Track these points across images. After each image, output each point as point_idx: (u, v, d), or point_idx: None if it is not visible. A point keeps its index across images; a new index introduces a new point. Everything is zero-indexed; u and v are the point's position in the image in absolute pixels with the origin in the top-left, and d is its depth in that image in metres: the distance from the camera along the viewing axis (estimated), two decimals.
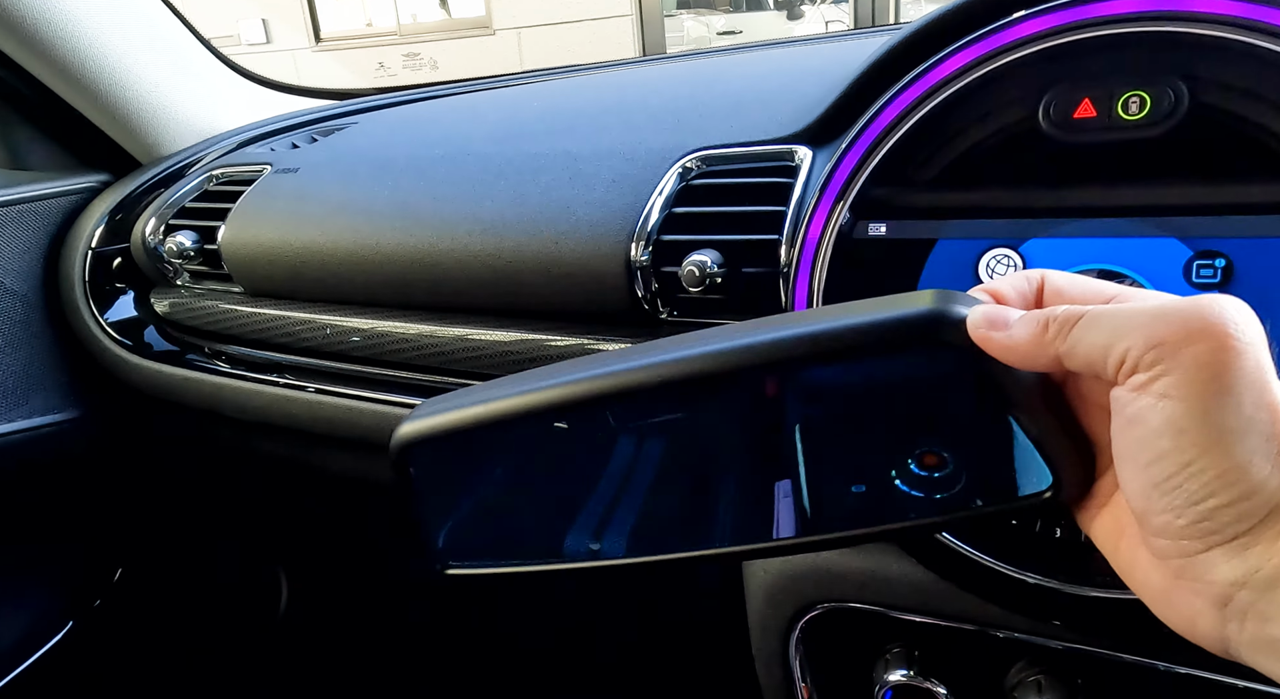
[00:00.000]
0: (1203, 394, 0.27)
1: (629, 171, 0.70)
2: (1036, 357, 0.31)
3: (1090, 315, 0.30)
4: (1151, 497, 0.28)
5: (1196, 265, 0.47)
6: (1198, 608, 0.28)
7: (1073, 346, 0.30)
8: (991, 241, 0.52)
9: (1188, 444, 0.27)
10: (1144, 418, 0.28)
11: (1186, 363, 0.27)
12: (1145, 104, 0.47)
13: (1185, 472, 0.27)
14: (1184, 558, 0.28)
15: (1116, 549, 0.32)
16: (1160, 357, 0.28)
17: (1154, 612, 0.31)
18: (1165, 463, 0.28)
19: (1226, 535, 0.27)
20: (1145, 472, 0.28)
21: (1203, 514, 0.27)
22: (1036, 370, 0.32)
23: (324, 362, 0.86)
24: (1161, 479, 0.28)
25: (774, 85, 0.78)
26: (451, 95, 1.18)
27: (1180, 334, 0.27)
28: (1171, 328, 0.28)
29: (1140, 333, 0.28)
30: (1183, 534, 0.28)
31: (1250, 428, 0.27)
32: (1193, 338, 0.27)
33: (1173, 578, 0.29)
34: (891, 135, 0.54)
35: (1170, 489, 0.28)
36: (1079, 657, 0.55)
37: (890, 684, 0.61)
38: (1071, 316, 0.30)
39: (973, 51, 0.51)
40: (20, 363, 0.99)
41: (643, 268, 0.65)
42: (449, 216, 0.75)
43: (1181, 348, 0.27)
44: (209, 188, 0.98)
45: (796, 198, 0.61)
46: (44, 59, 0.97)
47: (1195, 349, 0.27)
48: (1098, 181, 0.49)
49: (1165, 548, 0.29)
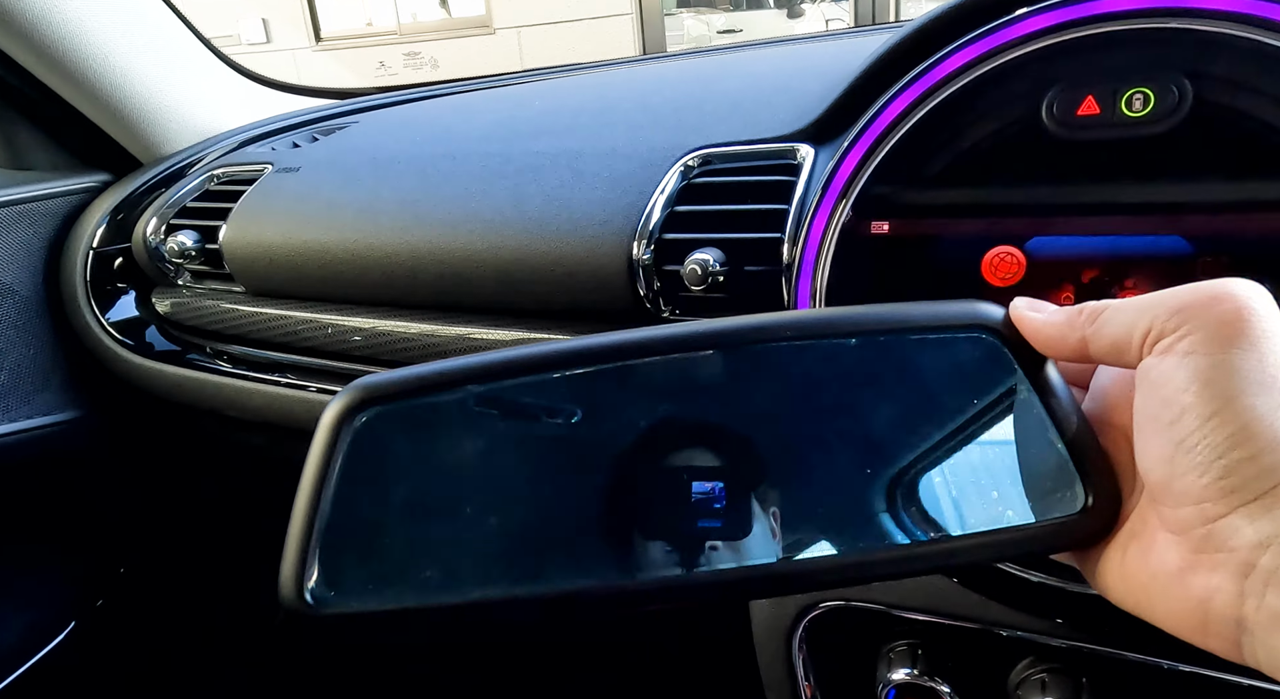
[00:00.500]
0: (1226, 347, 0.28)
1: (630, 170, 0.70)
2: (1066, 337, 0.32)
3: (1116, 303, 0.32)
4: (1175, 458, 0.28)
5: (1201, 262, 0.47)
6: (1215, 584, 0.28)
7: (1099, 329, 0.32)
8: (995, 239, 0.52)
9: (1212, 396, 0.28)
10: (1169, 375, 0.29)
11: (1210, 320, 0.28)
12: (1149, 101, 0.47)
13: (1210, 424, 0.28)
14: (1206, 524, 0.28)
15: (1124, 559, 0.32)
16: (1185, 319, 0.29)
17: (1158, 615, 0.30)
18: (1189, 418, 0.28)
19: (1250, 494, 0.27)
20: (1169, 431, 0.29)
21: (1227, 468, 0.27)
22: (1063, 357, 0.33)
23: (326, 361, 0.86)
24: (1184, 436, 0.28)
25: (775, 83, 0.78)
26: (452, 94, 1.18)
27: (1204, 298, 0.29)
28: (1194, 295, 0.29)
29: (1164, 307, 0.30)
30: (1204, 495, 0.28)
31: (1274, 383, 0.28)
32: (1217, 300, 0.29)
33: (1192, 553, 0.29)
34: (894, 133, 0.54)
35: (1193, 445, 0.28)
36: (1083, 655, 0.55)
37: (894, 683, 0.61)
38: (1102, 306, 0.32)
39: (975, 49, 0.51)
40: (22, 363, 0.99)
41: (645, 266, 0.65)
42: (450, 215, 0.75)
43: (1206, 308, 0.29)
44: (210, 187, 0.98)
45: (799, 196, 0.61)
46: (45, 59, 0.97)
47: (1219, 309, 0.28)
48: (1101, 179, 0.49)
49: (1186, 517, 0.28)
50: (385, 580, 0.34)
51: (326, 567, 0.34)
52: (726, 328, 0.35)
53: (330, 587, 0.34)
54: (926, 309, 0.35)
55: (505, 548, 0.35)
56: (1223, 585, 0.28)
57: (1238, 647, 0.28)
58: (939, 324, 0.34)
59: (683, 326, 0.35)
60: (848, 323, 0.35)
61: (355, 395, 0.35)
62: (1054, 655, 0.57)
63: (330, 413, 0.35)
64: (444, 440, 0.36)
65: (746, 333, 0.35)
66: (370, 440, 0.35)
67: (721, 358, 0.35)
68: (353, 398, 0.35)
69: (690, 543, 0.34)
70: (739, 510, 0.34)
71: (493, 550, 0.35)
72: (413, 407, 0.35)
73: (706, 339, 0.35)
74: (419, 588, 0.34)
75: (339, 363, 0.85)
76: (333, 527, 0.34)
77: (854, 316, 0.35)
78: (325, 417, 0.35)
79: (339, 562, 0.34)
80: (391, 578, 0.34)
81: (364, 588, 0.34)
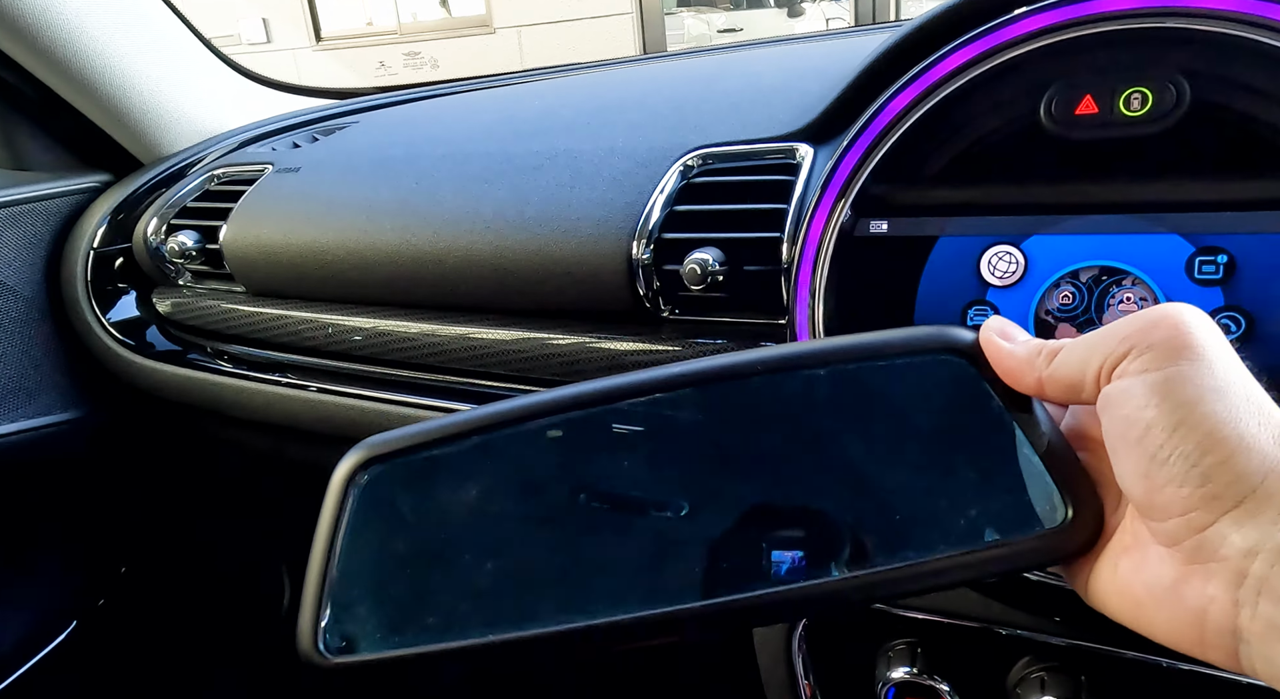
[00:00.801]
0: (1177, 360, 0.29)
1: (630, 170, 0.70)
2: (1025, 373, 0.33)
3: (1069, 343, 0.33)
4: (1150, 472, 0.29)
5: (1199, 261, 0.47)
6: (1210, 594, 0.28)
7: (1054, 371, 0.33)
8: (993, 238, 0.52)
9: (1172, 406, 0.28)
10: (1129, 394, 0.30)
11: (1155, 340, 0.30)
12: (1147, 100, 0.47)
13: (1177, 435, 0.28)
14: (1195, 534, 0.28)
15: (1115, 572, 0.32)
16: (1131, 343, 0.30)
17: (1154, 628, 0.30)
18: (1155, 432, 0.29)
19: (1231, 500, 0.27)
20: (1138, 447, 0.29)
21: (1204, 475, 0.28)
22: (1019, 390, 0.34)
23: (326, 361, 0.86)
24: (1155, 449, 0.29)
25: (775, 83, 0.78)
26: (452, 94, 1.18)
27: (1146, 323, 0.30)
28: (1137, 324, 0.30)
29: (1113, 338, 0.31)
30: (1189, 505, 0.28)
31: (1228, 388, 0.28)
32: (1157, 324, 0.30)
33: (1184, 564, 0.29)
34: (893, 132, 0.54)
35: (1166, 457, 0.28)
36: (1082, 653, 0.55)
37: (893, 681, 0.61)
38: (1058, 346, 0.33)
39: (974, 48, 0.51)
40: (23, 363, 0.99)
41: (644, 266, 0.65)
42: (450, 215, 0.75)
43: (1149, 331, 0.30)
44: (210, 187, 0.98)
45: (798, 195, 0.61)
46: (46, 60, 0.97)
47: (1161, 328, 0.30)
48: (1099, 178, 0.49)
49: (1175, 529, 0.29)
50: (396, 628, 0.36)
51: (340, 618, 0.36)
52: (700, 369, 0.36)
53: (343, 637, 0.36)
54: (897, 336, 0.35)
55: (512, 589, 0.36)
56: (1217, 595, 0.28)
57: (1235, 657, 0.28)
58: (910, 350, 0.35)
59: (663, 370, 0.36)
60: (817, 356, 0.36)
61: (362, 456, 0.37)
62: (1053, 654, 0.57)
63: (339, 473, 0.37)
64: (445, 491, 0.38)
65: (722, 371, 0.36)
66: (376, 495, 0.37)
67: (700, 395, 0.36)
68: (359, 458, 0.37)
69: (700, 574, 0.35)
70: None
71: (501, 593, 0.36)
72: (416, 461, 0.38)
73: (683, 379, 0.36)
74: (428, 633, 0.36)
75: (340, 363, 0.85)
76: (344, 579, 0.37)
77: (824, 349, 0.36)
78: (335, 476, 0.37)
79: (351, 612, 0.36)
80: (402, 625, 0.36)
81: (375, 636, 0.36)
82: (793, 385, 0.36)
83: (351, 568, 0.37)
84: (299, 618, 0.36)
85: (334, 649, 0.36)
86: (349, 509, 0.37)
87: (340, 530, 0.37)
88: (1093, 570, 0.33)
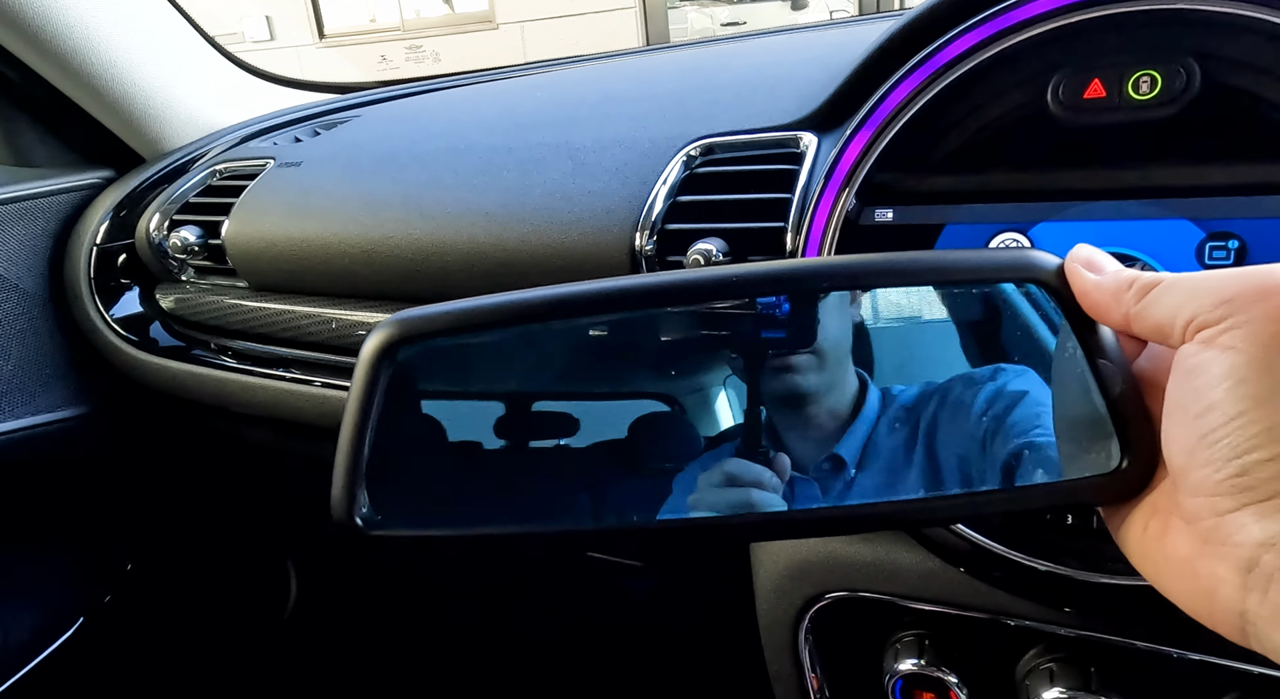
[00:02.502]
0: (1269, 347, 0.27)
1: (632, 160, 0.69)
2: (1111, 308, 0.32)
3: (1167, 281, 0.31)
4: (1195, 450, 0.28)
5: (1209, 247, 0.46)
6: (1220, 575, 0.28)
7: (1145, 308, 0.31)
8: (1000, 226, 0.52)
9: (1243, 395, 0.27)
10: (1205, 367, 0.28)
11: (1256, 317, 0.28)
12: (1156, 83, 0.46)
13: (1234, 422, 0.27)
14: (1215, 517, 0.28)
15: (1145, 530, 0.32)
16: (1230, 311, 0.28)
17: (1171, 593, 0.31)
18: (1216, 413, 0.28)
19: (1260, 494, 0.27)
20: (1195, 422, 0.28)
21: (1241, 468, 0.27)
22: (1104, 323, 0.33)
23: (330, 355, 0.86)
24: (1209, 430, 0.28)
25: (778, 72, 0.77)
26: (454, 87, 1.18)
27: (1253, 291, 0.28)
28: (1243, 285, 0.28)
29: (1212, 294, 0.29)
30: (1217, 489, 0.28)
31: None
32: (1265, 294, 0.28)
33: (1200, 543, 0.29)
34: (898, 120, 0.53)
35: (1215, 441, 0.28)
36: (1092, 644, 0.55)
37: (901, 674, 0.60)
38: (1153, 281, 0.31)
39: (979, 33, 0.50)
40: (28, 360, 0.99)
41: (648, 257, 0.64)
42: (452, 208, 0.75)
43: (1253, 303, 0.28)
44: (212, 183, 0.98)
45: (802, 184, 0.61)
46: (48, 56, 0.97)
47: (1266, 305, 0.28)
48: (1108, 163, 0.49)
49: (1197, 507, 0.29)
50: (424, 507, 0.37)
51: (374, 493, 0.36)
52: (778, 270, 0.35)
53: (378, 511, 0.36)
54: (978, 258, 0.34)
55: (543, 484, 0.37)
56: (1227, 577, 0.28)
57: (1244, 635, 0.28)
58: (989, 275, 0.34)
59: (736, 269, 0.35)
60: (893, 270, 0.34)
61: (391, 333, 0.36)
62: (1062, 645, 0.57)
63: (368, 349, 0.36)
64: (480, 376, 0.38)
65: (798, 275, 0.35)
66: (407, 376, 0.37)
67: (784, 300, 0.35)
68: (388, 335, 0.36)
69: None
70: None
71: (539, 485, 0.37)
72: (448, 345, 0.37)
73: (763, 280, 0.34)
74: (462, 518, 0.36)
75: (343, 357, 0.85)
76: (376, 457, 0.36)
77: (899, 263, 0.34)
78: (364, 352, 0.36)
79: (385, 489, 0.36)
80: (431, 506, 0.37)
81: (409, 513, 0.37)
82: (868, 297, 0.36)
83: (384, 447, 0.36)
84: (332, 490, 0.36)
85: (370, 523, 0.36)
86: (380, 389, 0.36)
87: (372, 409, 0.36)
88: (1127, 518, 0.33)
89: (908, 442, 0.35)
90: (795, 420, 0.35)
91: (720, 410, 0.36)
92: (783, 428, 0.35)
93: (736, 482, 0.34)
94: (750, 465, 0.34)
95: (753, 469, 0.34)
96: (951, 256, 0.35)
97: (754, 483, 0.34)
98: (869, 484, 0.35)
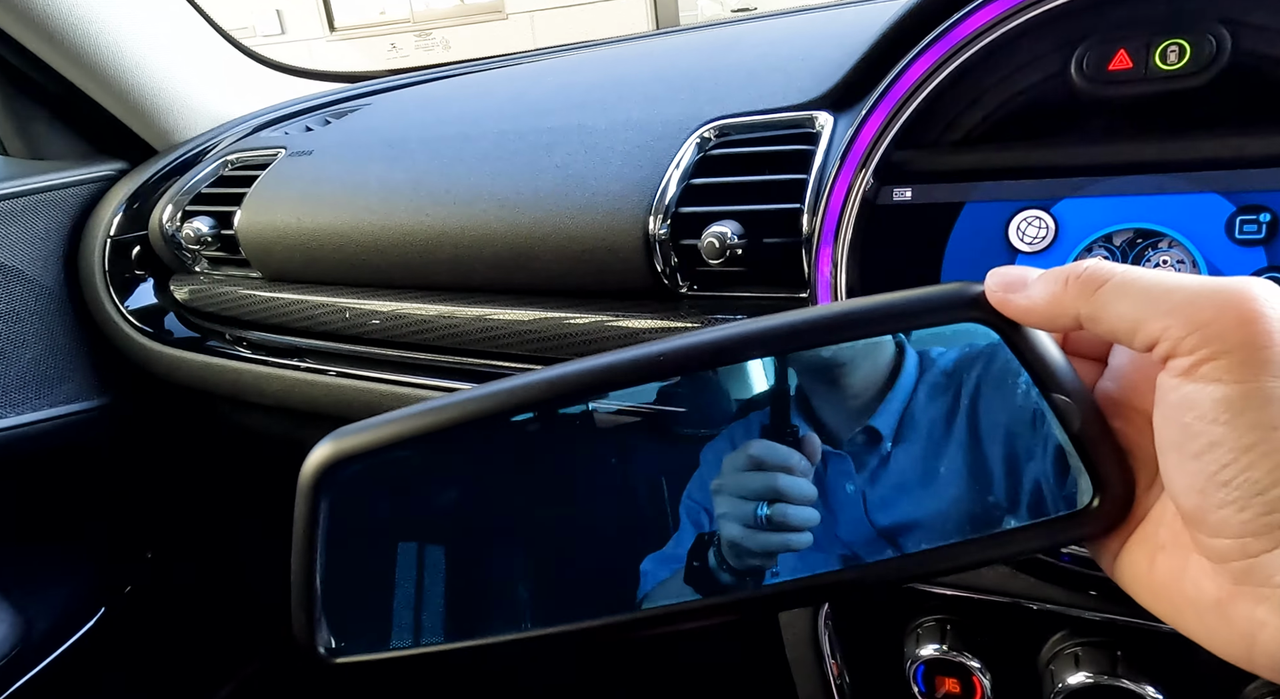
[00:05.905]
0: (1260, 375, 0.25)
1: (645, 143, 0.68)
2: (1056, 316, 0.29)
3: (1118, 282, 0.28)
4: (1207, 490, 0.26)
5: (1240, 221, 0.45)
6: (1260, 619, 0.26)
7: (1098, 310, 0.28)
8: (1022, 203, 0.51)
9: (1247, 426, 0.25)
10: (1192, 402, 0.26)
11: (1236, 344, 0.25)
12: (1184, 53, 0.45)
13: (1246, 458, 0.25)
14: (1246, 559, 0.26)
15: (1152, 567, 0.30)
16: (1205, 340, 0.26)
17: (1198, 636, 0.28)
18: (1220, 451, 0.26)
19: None
20: (1198, 462, 0.26)
21: (1269, 504, 0.25)
22: (1059, 330, 0.31)
23: (344, 345, 0.86)
24: (1217, 469, 0.26)
25: (792, 51, 0.76)
26: (464, 74, 1.17)
27: (1231, 317, 0.26)
28: (1216, 309, 0.26)
29: (1179, 316, 0.26)
30: (1244, 530, 0.26)
31: None
32: (1244, 320, 0.26)
33: (1231, 584, 0.27)
34: (916, 96, 0.52)
35: (1228, 479, 0.26)
36: (1117, 628, 0.54)
37: (922, 659, 0.59)
38: (1097, 276, 0.29)
39: (999, 6, 0.49)
40: (44, 352, 1.00)
41: (661, 241, 0.64)
42: (464, 194, 0.74)
43: (1231, 330, 0.26)
44: (224, 173, 0.98)
45: (818, 165, 0.60)
46: (60, 48, 0.97)
47: (1246, 331, 0.25)
48: (1134, 136, 0.47)
49: (1225, 549, 0.26)
50: (395, 628, 0.35)
51: (332, 618, 0.35)
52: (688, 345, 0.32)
53: (340, 637, 0.35)
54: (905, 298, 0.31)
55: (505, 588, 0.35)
56: (1268, 620, 0.26)
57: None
58: (921, 313, 0.31)
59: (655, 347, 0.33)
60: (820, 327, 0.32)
61: (325, 455, 0.35)
62: (1088, 629, 0.56)
63: (304, 476, 0.35)
64: (431, 481, 0.36)
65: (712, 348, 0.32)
66: (350, 495, 0.35)
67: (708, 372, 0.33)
68: (323, 458, 0.35)
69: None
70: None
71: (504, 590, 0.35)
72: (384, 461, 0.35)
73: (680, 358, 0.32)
74: (425, 633, 0.35)
75: (357, 346, 0.85)
76: (331, 581, 0.35)
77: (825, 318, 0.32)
78: (300, 479, 0.35)
79: (344, 613, 0.35)
80: (395, 624, 0.35)
81: (371, 636, 0.35)
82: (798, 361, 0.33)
83: (337, 570, 0.35)
84: (293, 619, 0.35)
85: (333, 648, 0.35)
86: (322, 513, 0.35)
87: (318, 533, 0.35)
88: (1121, 552, 0.31)
89: (949, 412, 0.32)
90: (827, 390, 0.33)
91: (754, 376, 0.33)
92: (815, 399, 0.33)
93: (763, 465, 0.32)
94: (777, 447, 0.32)
95: (779, 451, 0.32)
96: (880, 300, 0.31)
97: (781, 467, 0.32)
98: (905, 460, 0.32)
